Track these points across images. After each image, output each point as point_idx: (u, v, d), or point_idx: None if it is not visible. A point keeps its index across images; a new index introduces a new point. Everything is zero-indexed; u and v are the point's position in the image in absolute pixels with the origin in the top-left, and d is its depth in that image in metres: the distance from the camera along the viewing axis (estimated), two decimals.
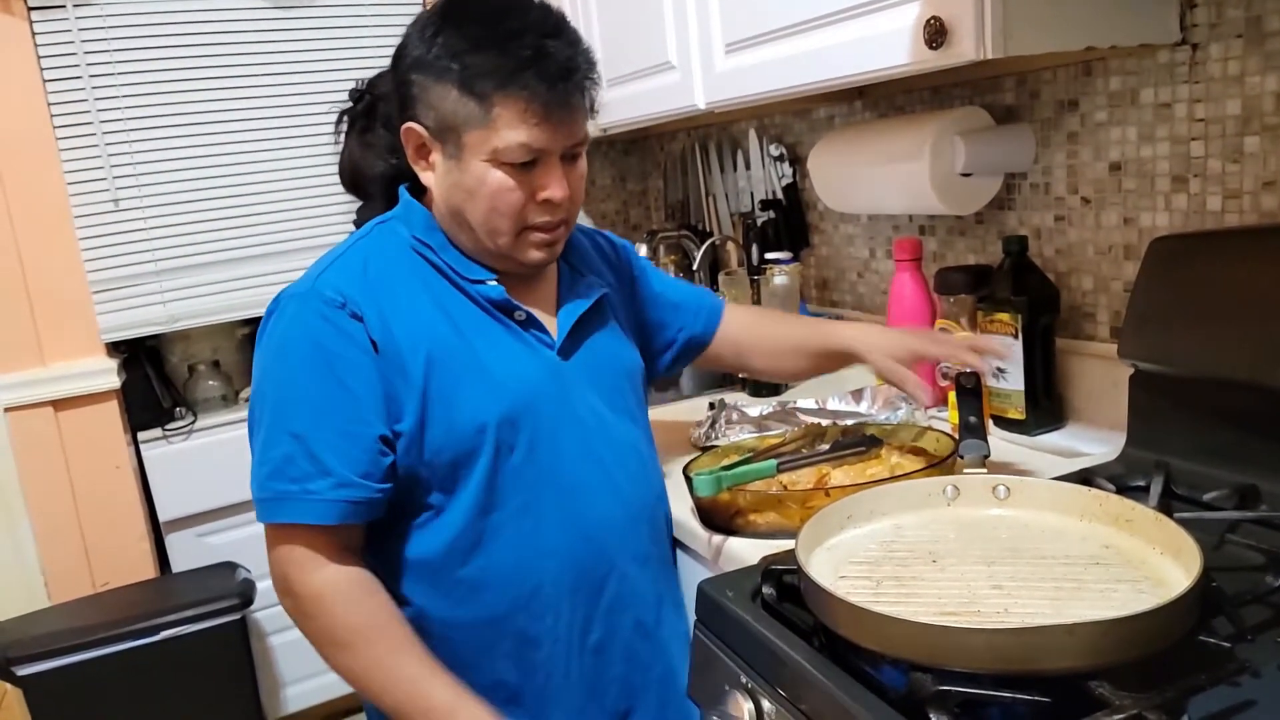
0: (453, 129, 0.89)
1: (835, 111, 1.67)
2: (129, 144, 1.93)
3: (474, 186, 0.90)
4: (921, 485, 0.90)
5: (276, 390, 0.90)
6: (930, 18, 0.93)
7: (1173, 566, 0.72)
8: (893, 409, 1.32)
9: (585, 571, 0.96)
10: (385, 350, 0.90)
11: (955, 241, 1.45)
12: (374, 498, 0.89)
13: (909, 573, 0.77)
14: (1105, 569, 0.74)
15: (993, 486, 0.88)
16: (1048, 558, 0.77)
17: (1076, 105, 1.20)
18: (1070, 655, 0.60)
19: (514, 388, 0.94)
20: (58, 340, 1.90)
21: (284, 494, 0.87)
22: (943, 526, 0.86)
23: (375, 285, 0.92)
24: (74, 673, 1.72)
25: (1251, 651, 0.65)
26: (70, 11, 1.85)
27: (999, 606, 0.70)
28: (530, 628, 0.95)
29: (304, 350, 0.89)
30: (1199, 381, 0.95)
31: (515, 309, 0.96)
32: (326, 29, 2.08)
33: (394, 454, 0.91)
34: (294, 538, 0.88)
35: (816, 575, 0.72)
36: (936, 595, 0.73)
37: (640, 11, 1.52)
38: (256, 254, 2.07)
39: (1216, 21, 1.01)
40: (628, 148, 2.42)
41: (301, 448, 0.87)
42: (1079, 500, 0.83)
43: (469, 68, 0.87)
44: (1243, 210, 1.03)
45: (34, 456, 1.90)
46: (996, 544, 0.81)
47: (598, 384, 1.00)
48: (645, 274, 1.18)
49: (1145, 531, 0.76)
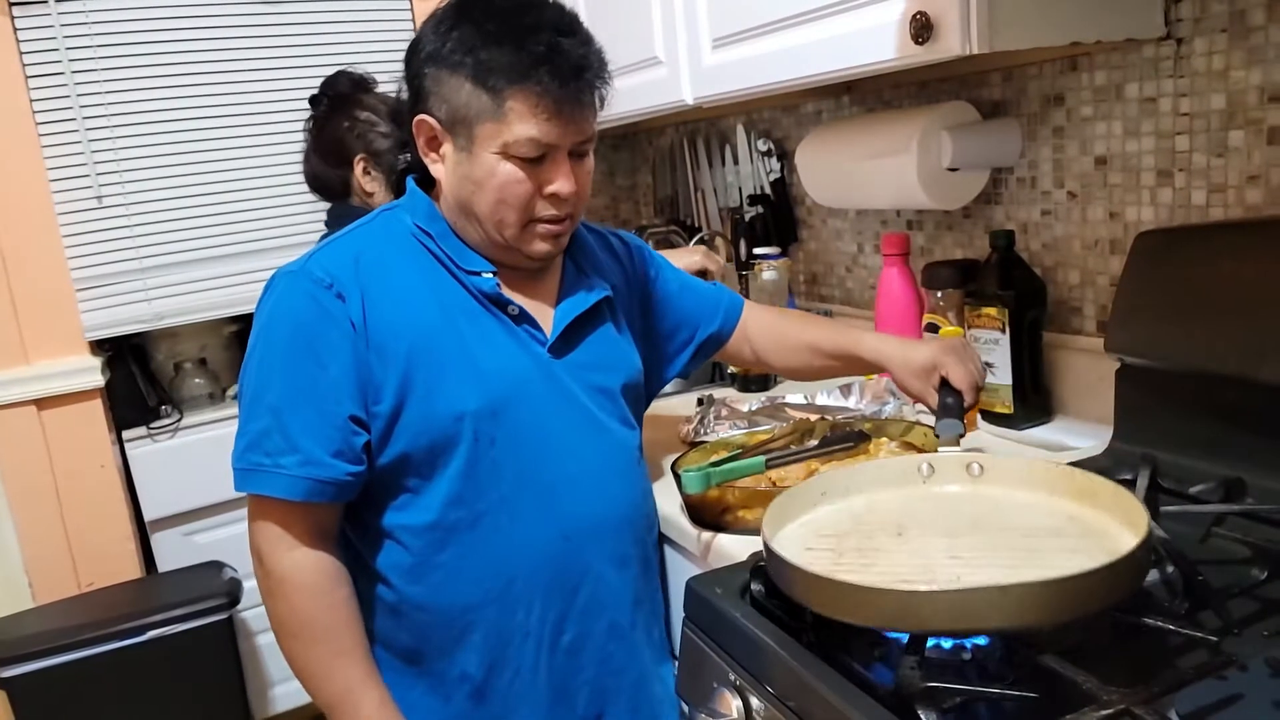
0: (465, 121, 0.91)
1: (823, 106, 1.67)
2: (112, 140, 1.91)
3: (483, 178, 0.91)
4: (897, 463, 0.92)
5: (260, 364, 0.92)
6: (916, 13, 0.93)
7: (1131, 537, 0.72)
8: (881, 403, 1.32)
9: (561, 570, 0.97)
10: (367, 332, 0.91)
11: (943, 236, 1.45)
12: (342, 479, 0.91)
13: (872, 544, 0.79)
14: (1063, 539, 0.76)
15: (966, 464, 0.89)
16: (1009, 529, 0.79)
17: (1062, 100, 1.21)
18: (1004, 615, 0.61)
19: (497, 380, 0.94)
20: (41, 338, 1.88)
21: (257, 465, 0.90)
22: (915, 502, 0.87)
23: (367, 268, 0.93)
24: (59, 674, 1.70)
25: (1238, 645, 0.65)
26: (52, 6, 1.83)
27: (953, 575, 0.72)
28: (502, 621, 0.96)
29: (287, 326, 0.91)
30: (1185, 375, 0.95)
31: (508, 303, 0.97)
32: (312, 24, 2.06)
33: (368, 434, 0.92)
34: (269, 514, 0.91)
35: (780, 546, 0.74)
36: (894, 565, 0.75)
37: (628, 7, 1.52)
38: (242, 251, 2.05)
39: (1201, 16, 1.02)
40: (616, 143, 2.41)
41: (277, 422, 0.89)
42: (1048, 476, 0.84)
43: (483, 62, 0.88)
44: (1227, 204, 1.03)
45: (17, 456, 1.88)
46: (962, 518, 0.82)
47: (589, 384, 1.00)
48: (662, 273, 1.18)
49: (1106, 504, 0.77)
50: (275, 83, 2.04)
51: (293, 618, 0.92)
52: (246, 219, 2.05)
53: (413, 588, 0.95)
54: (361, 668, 0.92)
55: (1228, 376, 0.90)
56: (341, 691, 0.91)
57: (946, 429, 0.96)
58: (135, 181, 1.94)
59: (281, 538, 0.91)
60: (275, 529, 0.91)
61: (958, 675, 0.65)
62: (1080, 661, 0.62)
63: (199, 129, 1.98)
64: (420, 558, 0.95)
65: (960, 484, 0.89)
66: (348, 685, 0.91)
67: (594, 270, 1.07)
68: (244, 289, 2.04)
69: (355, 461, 0.91)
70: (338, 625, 0.92)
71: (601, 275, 1.07)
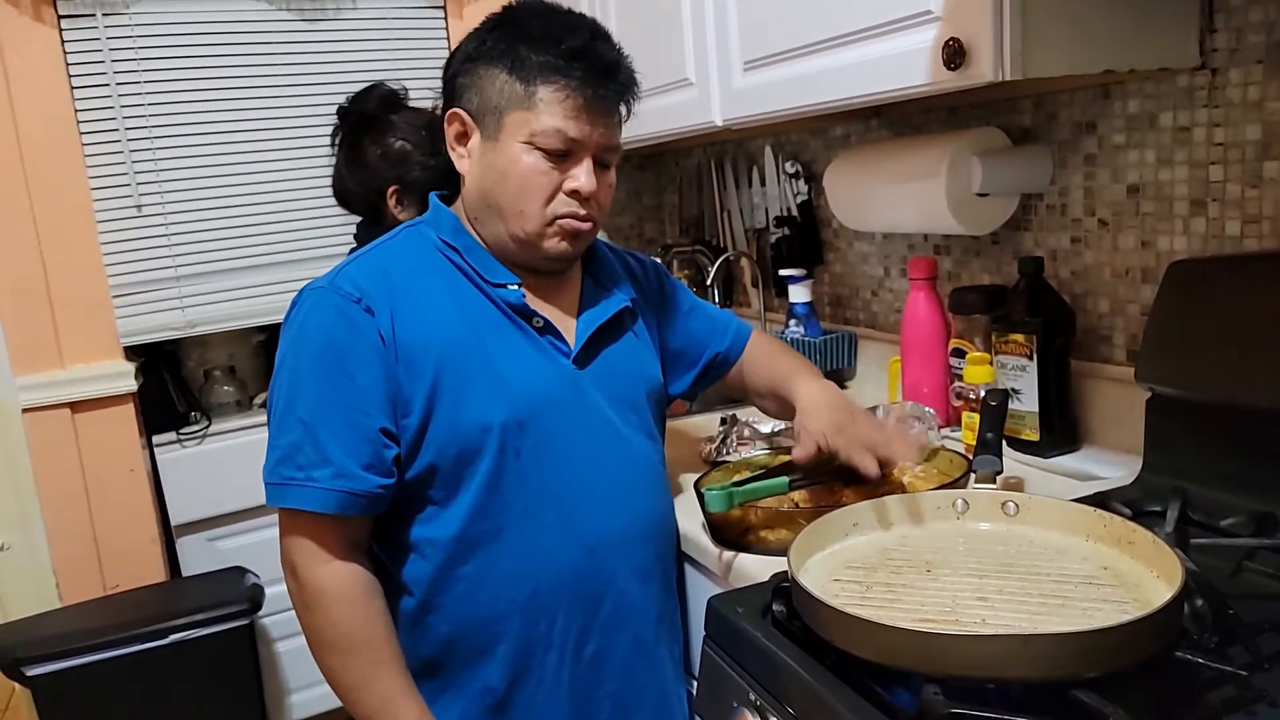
0: (496, 109, 0.93)
1: (851, 130, 1.67)
2: (153, 150, 1.96)
3: (507, 166, 0.93)
4: (932, 498, 0.91)
5: (290, 378, 0.93)
6: (949, 39, 0.93)
7: (1166, 590, 0.71)
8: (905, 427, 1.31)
9: (584, 582, 0.97)
10: (396, 346, 0.92)
11: (970, 261, 1.45)
12: (374, 492, 0.91)
13: (900, 580, 0.78)
14: (1096, 588, 0.74)
15: (1002, 502, 0.88)
16: (1041, 574, 0.78)
17: (1094, 127, 1.20)
18: (1025, 666, 0.61)
19: (523, 392, 0.95)
20: (77, 343, 1.92)
21: (289, 479, 0.90)
22: (947, 539, 0.86)
23: (394, 283, 0.94)
24: (82, 674, 1.72)
25: (1268, 680, 0.64)
26: (99, 20, 1.88)
27: (977, 617, 0.71)
28: (525, 633, 0.96)
29: (317, 342, 0.92)
30: (1217, 406, 0.94)
31: (533, 315, 0.98)
32: (350, 39, 2.10)
33: (398, 447, 0.92)
34: (302, 528, 0.91)
35: (805, 576, 0.74)
36: (920, 603, 0.74)
37: (659, 28, 1.54)
38: (275, 261, 2.08)
39: (1236, 46, 1.01)
40: (643, 163, 2.43)
41: (308, 435, 0.90)
42: (1086, 521, 0.83)
43: (522, 54, 0.92)
44: (1262, 235, 1.02)
45: (50, 457, 1.91)
46: (993, 558, 0.81)
47: (613, 396, 1.01)
48: (675, 293, 1.19)
49: (1144, 554, 0.76)
50: (313, 96, 2.08)
51: (331, 630, 0.91)
52: (280, 230, 2.08)
53: (437, 600, 0.96)
54: (401, 679, 0.92)
55: (1260, 409, 0.89)
56: (380, 703, 0.91)
57: (984, 464, 0.96)
58: (173, 191, 1.98)
59: (315, 551, 0.91)
60: (308, 543, 0.91)
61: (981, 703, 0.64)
62: (1108, 693, 0.61)
63: (237, 140, 2.02)
64: (444, 570, 0.95)
65: (994, 522, 0.88)
66: (387, 696, 0.91)
67: (612, 284, 1.08)
68: (275, 299, 2.07)
69: (386, 474, 0.92)
70: (375, 636, 0.92)
71: (619, 288, 1.08)
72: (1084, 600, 0.72)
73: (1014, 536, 0.85)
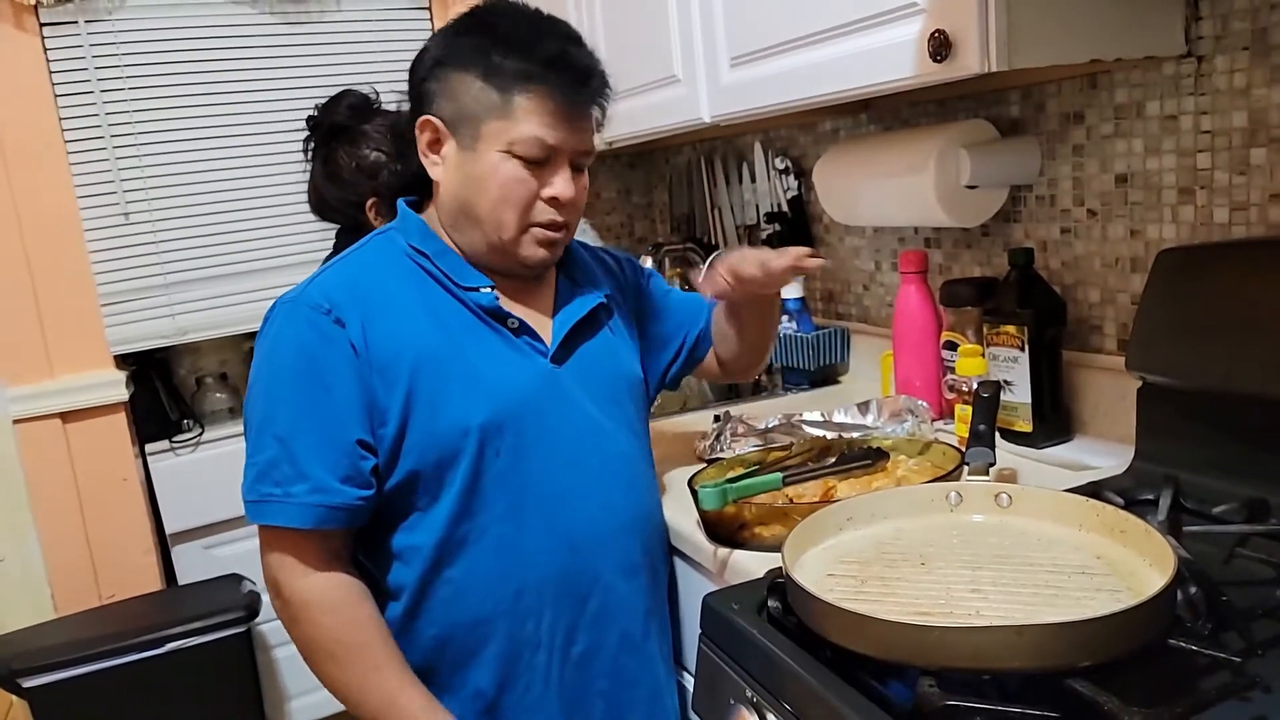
0: (472, 118, 0.92)
1: (840, 124, 1.67)
2: (139, 158, 1.95)
3: (486, 175, 0.93)
4: (925, 491, 0.91)
5: (264, 393, 0.93)
6: (934, 31, 0.93)
7: (1159, 579, 0.71)
8: (899, 422, 1.32)
9: (569, 579, 0.97)
10: (369, 355, 0.91)
11: (961, 254, 1.45)
12: (353, 504, 0.91)
13: (895, 574, 0.78)
14: (1089, 578, 0.74)
15: (995, 494, 0.88)
16: (1034, 565, 0.78)
17: (1082, 118, 1.20)
18: (1020, 656, 0.61)
19: (502, 393, 0.95)
20: (67, 352, 1.91)
21: (267, 496, 0.90)
22: (941, 531, 0.86)
23: (364, 292, 0.94)
24: (79, 684, 1.71)
25: (1262, 666, 0.64)
26: (82, 27, 1.87)
27: (971, 609, 0.71)
28: (513, 634, 0.96)
29: (289, 355, 0.92)
30: (1208, 394, 0.94)
31: (508, 316, 0.98)
32: (335, 43, 2.09)
33: (375, 458, 0.92)
34: (282, 543, 0.91)
35: (800, 571, 0.74)
36: (915, 596, 0.74)
37: (646, 25, 1.53)
38: (265, 267, 2.08)
39: (1222, 34, 1.02)
40: (633, 161, 2.43)
41: (284, 451, 0.90)
42: (1078, 510, 0.83)
43: (495, 61, 0.91)
44: (1250, 222, 1.02)
45: (42, 468, 1.90)
46: (987, 549, 0.82)
47: (593, 392, 1.01)
48: (651, 284, 1.20)
49: (1137, 543, 0.76)
50: (299, 102, 2.06)
51: (322, 638, 0.91)
52: (269, 235, 2.08)
53: (423, 605, 0.95)
54: (400, 676, 0.92)
55: (1251, 396, 0.89)
56: (384, 703, 0.91)
57: (977, 456, 0.96)
58: (161, 198, 1.98)
59: (296, 565, 0.91)
60: (289, 558, 0.91)
61: (977, 694, 0.64)
62: (1102, 682, 0.61)
63: (224, 147, 2.02)
64: (430, 575, 0.95)
65: (988, 513, 0.88)
66: (389, 695, 0.91)
67: (587, 281, 1.08)
68: (266, 304, 2.01)
69: (364, 486, 0.91)
70: (368, 640, 0.92)
71: (595, 285, 1.08)
72: (1078, 590, 0.72)
73: (1007, 528, 0.86)
